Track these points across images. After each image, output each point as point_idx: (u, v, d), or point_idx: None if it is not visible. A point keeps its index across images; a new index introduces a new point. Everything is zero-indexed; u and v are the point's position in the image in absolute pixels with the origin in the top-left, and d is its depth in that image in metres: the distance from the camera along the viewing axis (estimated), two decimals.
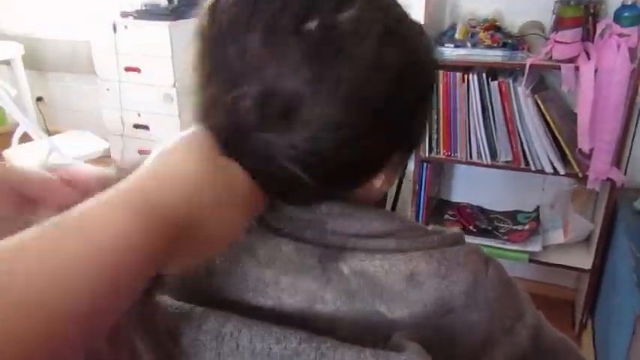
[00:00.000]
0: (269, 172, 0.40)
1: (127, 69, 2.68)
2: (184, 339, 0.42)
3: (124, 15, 2.64)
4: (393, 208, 1.57)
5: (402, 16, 0.43)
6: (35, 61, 3.36)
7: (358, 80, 0.38)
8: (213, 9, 0.41)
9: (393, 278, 0.43)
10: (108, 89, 2.79)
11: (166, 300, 0.44)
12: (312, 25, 0.37)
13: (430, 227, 0.50)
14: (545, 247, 1.84)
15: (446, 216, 2.02)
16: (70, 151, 2.44)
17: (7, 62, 3.20)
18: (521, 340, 0.47)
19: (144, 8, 2.64)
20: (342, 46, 0.37)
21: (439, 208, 2.09)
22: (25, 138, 2.57)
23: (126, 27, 2.61)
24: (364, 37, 0.38)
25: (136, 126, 2.80)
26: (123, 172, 0.37)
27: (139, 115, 2.78)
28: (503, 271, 0.49)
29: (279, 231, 0.46)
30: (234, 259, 0.46)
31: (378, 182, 0.48)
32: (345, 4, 0.38)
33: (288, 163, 0.39)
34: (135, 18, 2.62)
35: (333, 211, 0.46)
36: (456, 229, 0.49)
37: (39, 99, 3.49)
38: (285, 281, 0.44)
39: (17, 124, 2.58)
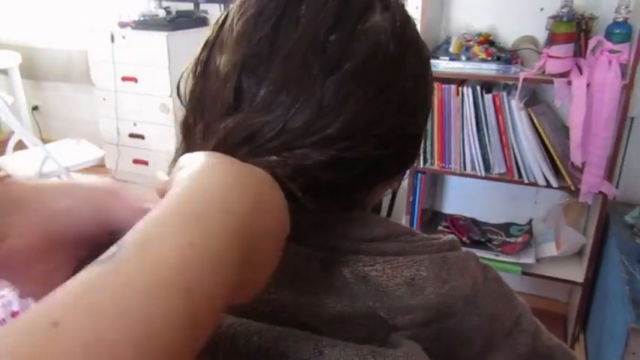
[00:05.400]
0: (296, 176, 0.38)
1: (124, 79, 2.69)
2: None
3: (122, 25, 2.66)
4: (388, 217, 1.57)
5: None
6: (32, 70, 3.37)
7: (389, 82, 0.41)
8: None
9: (394, 282, 0.43)
10: (104, 99, 2.80)
11: None
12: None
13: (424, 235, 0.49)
14: (538, 260, 1.85)
15: (439, 227, 2.03)
16: (65, 160, 2.43)
17: (5, 71, 3.21)
18: (520, 344, 0.47)
19: (142, 19, 2.66)
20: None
21: (433, 219, 2.10)
22: (20, 146, 2.57)
23: (124, 37, 2.63)
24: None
25: (132, 135, 2.81)
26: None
27: (134, 124, 2.79)
28: (500, 277, 0.49)
29: None
30: None
31: (385, 189, 0.48)
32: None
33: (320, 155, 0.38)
34: (133, 28, 2.64)
35: (341, 215, 0.45)
36: (450, 236, 0.49)
37: (34, 108, 3.50)
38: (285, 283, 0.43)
39: (13, 133, 2.58)
